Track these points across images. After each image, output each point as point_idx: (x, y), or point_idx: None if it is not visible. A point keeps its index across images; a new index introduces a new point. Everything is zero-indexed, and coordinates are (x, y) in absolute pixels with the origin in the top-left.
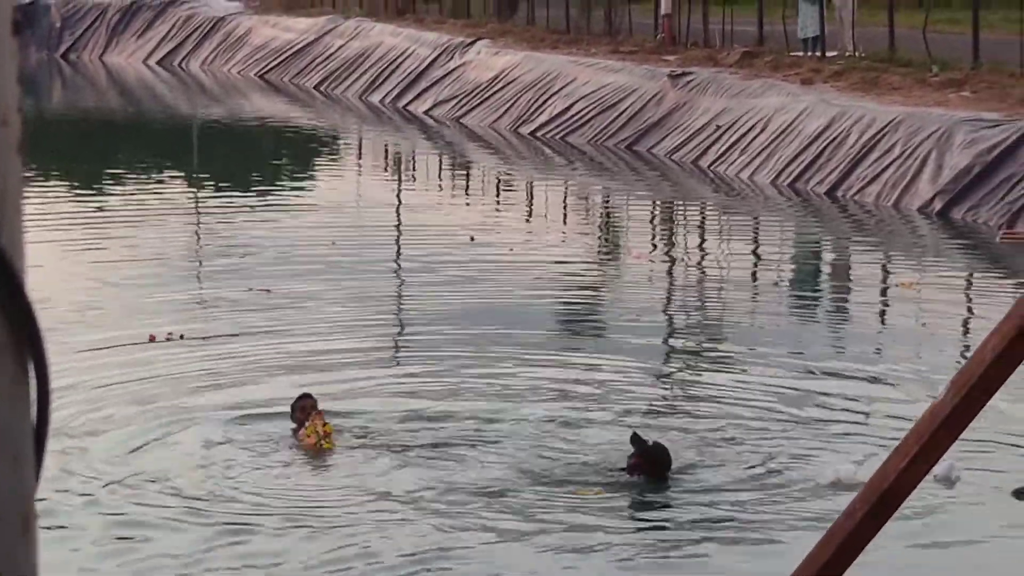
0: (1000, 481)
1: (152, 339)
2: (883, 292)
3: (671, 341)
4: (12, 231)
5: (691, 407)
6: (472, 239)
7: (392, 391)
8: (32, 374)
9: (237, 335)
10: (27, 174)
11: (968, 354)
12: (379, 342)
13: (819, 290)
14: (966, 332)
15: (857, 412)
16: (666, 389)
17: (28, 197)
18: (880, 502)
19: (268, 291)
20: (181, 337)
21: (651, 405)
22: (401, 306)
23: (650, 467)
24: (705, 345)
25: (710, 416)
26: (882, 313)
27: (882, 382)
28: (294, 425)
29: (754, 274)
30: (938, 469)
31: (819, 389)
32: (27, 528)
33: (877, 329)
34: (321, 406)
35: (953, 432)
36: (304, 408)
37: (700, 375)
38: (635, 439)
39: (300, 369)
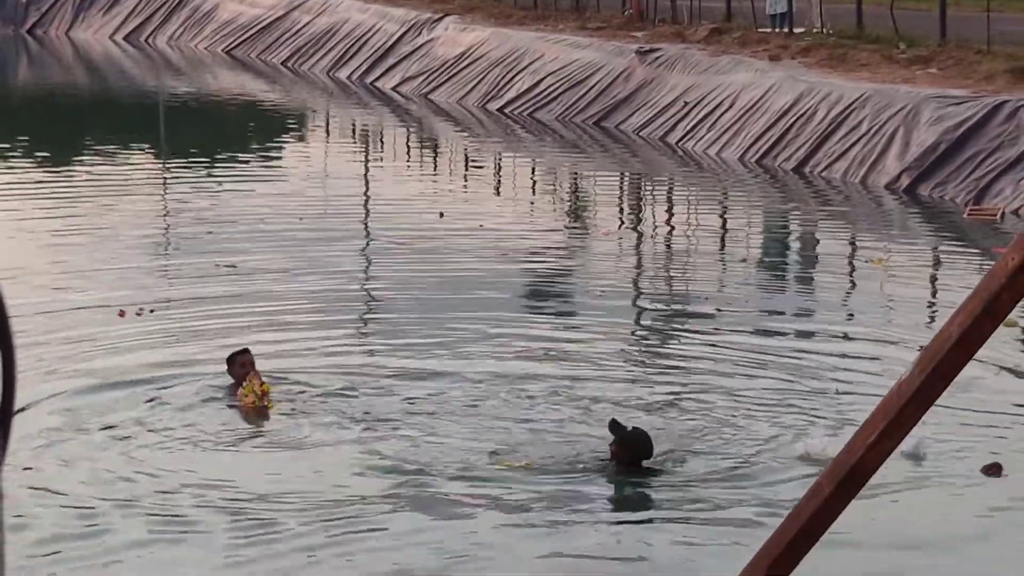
0: (970, 457)
1: (122, 314)
2: (851, 269)
3: (639, 316)
4: None
5: (658, 381)
6: (441, 215)
7: (348, 359)
8: None
9: (200, 308)
10: None
11: (935, 331)
12: (342, 313)
13: (787, 267)
14: (933, 309)
15: (826, 387)
16: (633, 363)
17: None
18: (847, 478)
19: (234, 266)
20: (151, 312)
21: (617, 380)
22: (368, 280)
23: (629, 454)
24: (672, 320)
25: (677, 391)
26: (851, 289)
27: (850, 358)
28: (232, 380)
29: (722, 252)
30: (906, 445)
31: (788, 364)
32: None
33: (846, 305)
34: (276, 370)
35: (920, 408)
36: (243, 364)
37: (667, 349)
38: (614, 425)
39: (259, 335)
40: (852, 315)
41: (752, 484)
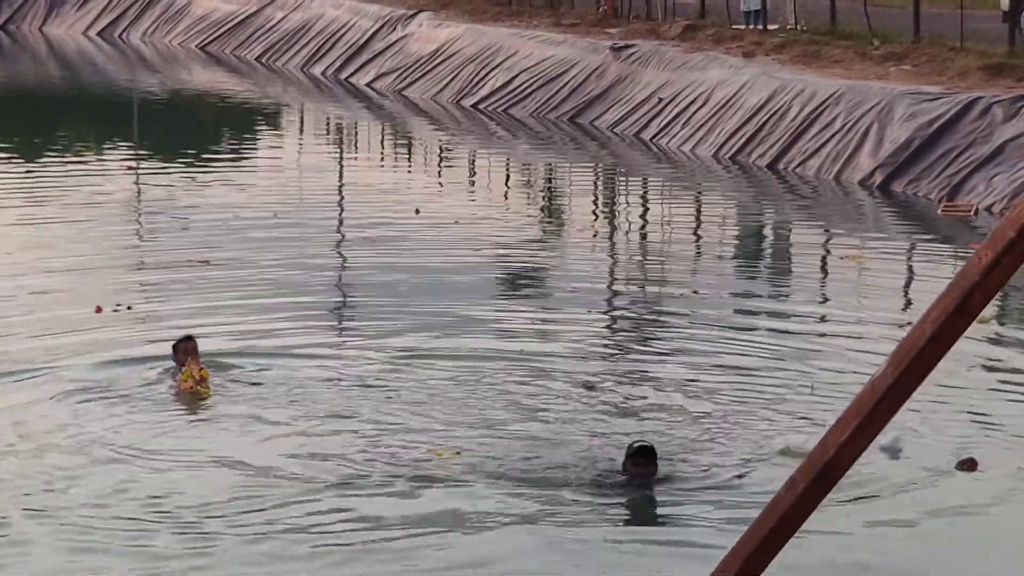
0: (945, 452)
1: (99, 310)
2: (825, 265)
3: (612, 312)
4: None
5: (633, 376)
6: (417, 211)
7: (307, 352)
8: None
9: (170, 300)
10: None
11: (909, 327)
12: (312, 307)
13: (762, 264)
14: (906, 305)
15: (802, 383)
16: (606, 358)
17: None
18: (821, 474)
19: (207, 262)
20: (128, 308)
21: (590, 374)
22: (341, 274)
23: (640, 468)
24: (646, 316)
25: (653, 387)
26: (826, 286)
27: (826, 353)
28: (175, 366)
29: (697, 248)
30: (883, 440)
31: (763, 360)
32: None
33: (821, 301)
34: (230, 359)
35: (894, 405)
36: (187, 350)
37: (641, 345)
38: (633, 450)
39: (222, 325)
40: (828, 311)
41: (731, 479)
